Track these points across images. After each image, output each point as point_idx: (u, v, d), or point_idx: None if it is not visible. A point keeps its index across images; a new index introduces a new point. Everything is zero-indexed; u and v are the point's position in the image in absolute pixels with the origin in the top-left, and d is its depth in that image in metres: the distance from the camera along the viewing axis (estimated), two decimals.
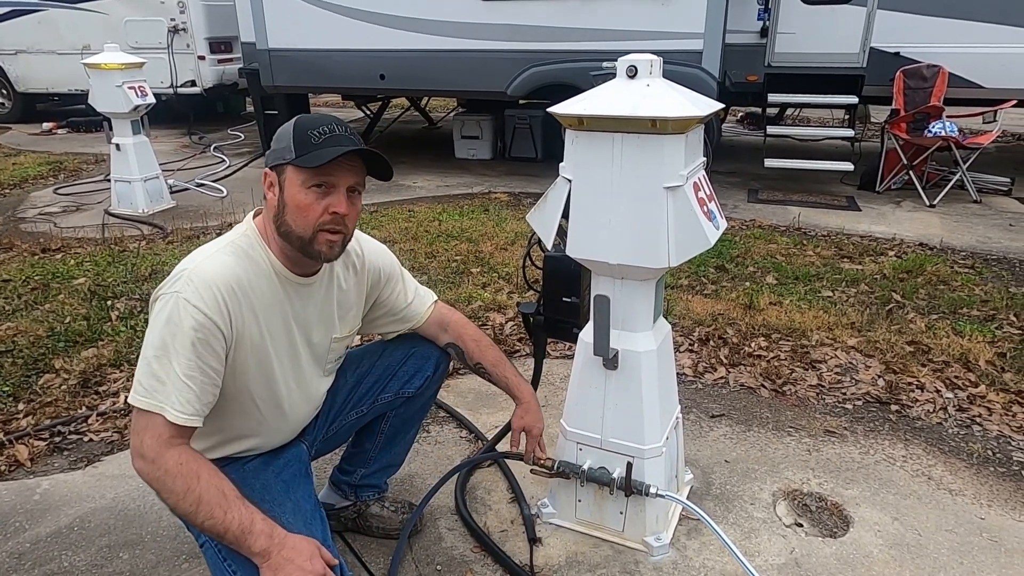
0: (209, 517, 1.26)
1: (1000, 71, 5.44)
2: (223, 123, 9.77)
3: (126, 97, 5.09)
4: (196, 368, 1.32)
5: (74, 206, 5.69)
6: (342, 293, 1.63)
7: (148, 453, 1.28)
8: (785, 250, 4.33)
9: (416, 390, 1.80)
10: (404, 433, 1.90)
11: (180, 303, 1.32)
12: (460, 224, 4.88)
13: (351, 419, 1.79)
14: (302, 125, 1.39)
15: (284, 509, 1.44)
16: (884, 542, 1.91)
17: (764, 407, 2.63)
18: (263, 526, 1.28)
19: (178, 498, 1.26)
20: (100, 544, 1.93)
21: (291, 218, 1.40)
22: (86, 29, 8.85)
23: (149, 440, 1.28)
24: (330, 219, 1.40)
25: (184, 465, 1.28)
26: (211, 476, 1.29)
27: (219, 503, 1.27)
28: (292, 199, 1.39)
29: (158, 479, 1.27)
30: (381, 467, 1.92)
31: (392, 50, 6.29)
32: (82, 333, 3.18)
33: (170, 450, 1.28)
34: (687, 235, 1.55)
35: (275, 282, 1.47)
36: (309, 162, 1.36)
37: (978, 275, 3.89)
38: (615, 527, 1.89)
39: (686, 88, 1.60)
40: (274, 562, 1.26)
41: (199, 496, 1.26)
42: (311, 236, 1.40)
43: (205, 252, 1.42)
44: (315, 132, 1.38)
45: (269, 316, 1.46)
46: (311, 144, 1.37)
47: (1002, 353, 2.95)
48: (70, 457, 2.36)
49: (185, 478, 1.27)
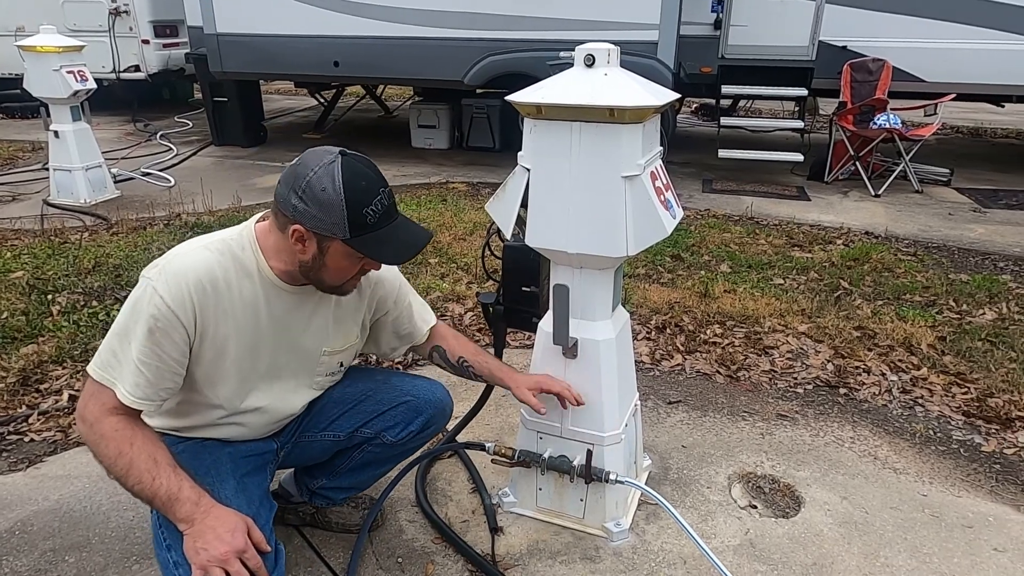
0: (138, 482, 1.29)
1: (941, 66, 5.65)
2: (170, 110, 9.44)
3: (64, 82, 4.86)
4: (152, 355, 1.33)
5: (9, 196, 5.42)
6: (339, 307, 1.59)
7: (88, 416, 1.32)
8: (738, 239, 4.42)
9: (397, 439, 1.73)
10: (377, 467, 1.84)
11: (148, 290, 1.33)
12: (418, 214, 4.83)
13: (326, 440, 1.72)
14: (355, 200, 1.31)
15: (226, 486, 1.43)
16: (833, 521, 1.98)
17: (719, 393, 2.68)
18: (190, 493, 1.30)
19: (111, 461, 1.30)
20: (44, 548, 1.85)
21: (327, 276, 1.42)
22: (19, 9, 8.41)
23: (93, 406, 1.33)
24: (359, 274, 1.45)
25: (120, 432, 1.31)
26: (145, 443, 1.32)
27: (148, 469, 1.29)
28: (336, 265, 1.39)
29: (94, 442, 1.32)
30: (344, 486, 1.85)
31: (346, 36, 6.17)
32: (20, 329, 3.04)
33: (110, 417, 1.32)
34: (645, 224, 1.57)
35: (257, 285, 1.43)
36: (378, 255, 1.38)
37: (920, 262, 4.05)
38: (575, 514, 1.91)
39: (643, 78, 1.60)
40: (196, 529, 1.28)
41: (130, 460, 1.29)
42: (340, 286, 1.46)
43: (191, 245, 1.41)
44: (370, 211, 1.33)
45: (244, 316, 1.43)
46: (368, 225, 1.33)
47: (942, 337, 3.08)
48: (9, 458, 2.26)
49: (119, 442, 1.30)
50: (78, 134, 5.13)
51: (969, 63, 5.55)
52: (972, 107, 8.37)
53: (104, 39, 8.13)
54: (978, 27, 5.44)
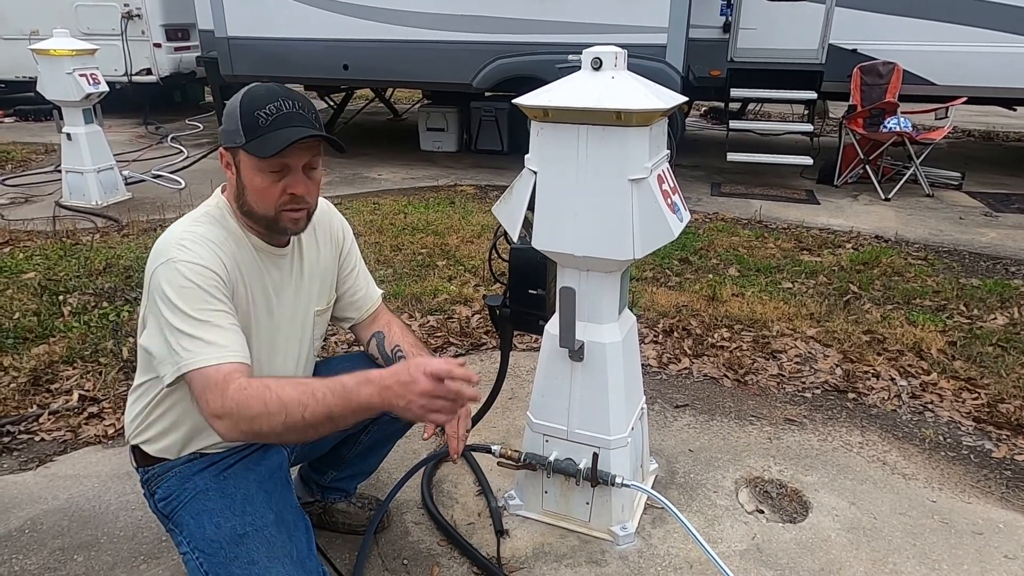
0: (304, 409, 1.19)
1: (952, 69, 5.61)
2: (181, 113, 9.50)
3: (77, 85, 4.91)
4: (220, 313, 1.30)
5: (23, 198, 5.48)
6: (313, 261, 1.60)
7: (215, 409, 1.22)
8: (747, 242, 4.40)
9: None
10: (382, 446, 1.87)
11: (180, 267, 1.30)
12: (426, 217, 4.84)
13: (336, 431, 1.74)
14: (248, 105, 1.33)
15: (267, 521, 1.40)
16: (841, 526, 1.96)
17: (727, 397, 2.67)
18: (353, 383, 1.20)
19: (266, 417, 1.19)
20: (53, 547, 1.87)
21: (252, 199, 1.39)
22: (34, 13, 8.50)
23: (209, 398, 1.22)
24: (289, 199, 1.39)
25: (248, 387, 1.22)
26: (278, 380, 1.26)
27: (303, 392, 1.20)
28: (250, 182, 1.37)
29: (238, 420, 1.20)
30: (353, 473, 1.88)
31: (356, 40, 6.20)
32: (32, 329, 3.07)
33: (227, 389, 1.22)
34: (651, 227, 1.56)
35: (252, 252, 1.45)
36: (259, 151, 1.32)
37: (930, 267, 4.02)
38: (581, 517, 1.91)
39: (650, 81, 1.61)
40: (392, 393, 1.18)
41: (279, 400, 1.19)
42: (274, 215, 1.40)
43: (183, 224, 1.40)
44: (262, 114, 1.32)
45: (252, 282, 1.44)
46: (259, 127, 1.32)
47: (952, 342, 3.05)
48: (20, 457, 2.28)
49: (257, 395, 1.20)
50: (90, 137, 5.18)
51: (980, 66, 5.51)
52: (983, 110, 8.31)
53: (116, 43, 8.20)
54: (989, 30, 5.40)
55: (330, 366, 1.78)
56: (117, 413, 2.49)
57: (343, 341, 3.06)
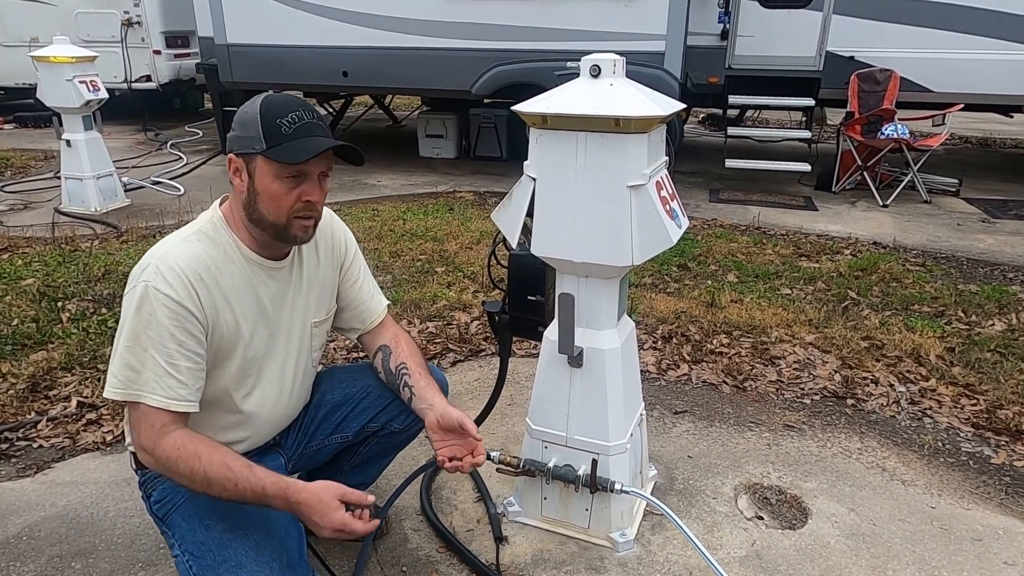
0: (223, 491, 1.29)
1: (949, 76, 5.64)
2: (180, 119, 9.53)
3: (77, 91, 4.92)
4: (178, 354, 1.32)
5: (22, 204, 5.48)
6: (312, 272, 1.60)
7: (146, 445, 1.31)
8: (745, 249, 4.41)
9: (403, 426, 1.74)
10: (381, 459, 1.87)
11: (150, 291, 1.31)
12: (425, 223, 4.85)
13: (334, 442, 1.74)
14: (270, 113, 1.35)
15: (257, 526, 1.40)
16: (841, 533, 1.96)
17: (726, 403, 2.67)
18: (274, 490, 1.30)
19: (188, 480, 1.29)
20: (51, 554, 1.86)
21: (264, 207, 1.40)
22: (34, 21, 8.54)
23: (144, 432, 1.31)
24: (303, 206, 1.40)
25: (182, 448, 1.29)
26: (211, 452, 1.30)
27: (227, 477, 1.28)
28: (265, 189, 1.38)
29: (163, 468, 1.31)
30: (352, 484, 1.86)
31: (355, 47, 6.22)
32: (31, 335, 3.06)
33: (165, 437, 1.30)
34: (650, 233, 1.57)
35: (244, 267, 1.45)
36: (284, 157, 1.33)
37: (928, 273, 4.02)
38: (580, 524, 1.91)
39: (648, 88, 1.61)
40: (301, 515, 1.32)
41: (205, 475, 1.28)
42: (285, 223, 1.41)
43: (171, 241, 1.41)
44: (285, 122, 1.34)
45: (241, 301, 1.44)
46: (282, 135, 1.34)
47: (951, 348, 3.06)
48: (18, 464, 2.28)
49: (186, 461, 1.28)
50: (90, 143, 5.19)
51: (977, 73, 5.54)
52: (981, 117, 8.33)
53: (116, 50, 8.24)
54: (986, 37, 5.43)
55: (333, 377, 1.78)
56: (115, 420, 2.49)
57: (342, 348, 3.06)
